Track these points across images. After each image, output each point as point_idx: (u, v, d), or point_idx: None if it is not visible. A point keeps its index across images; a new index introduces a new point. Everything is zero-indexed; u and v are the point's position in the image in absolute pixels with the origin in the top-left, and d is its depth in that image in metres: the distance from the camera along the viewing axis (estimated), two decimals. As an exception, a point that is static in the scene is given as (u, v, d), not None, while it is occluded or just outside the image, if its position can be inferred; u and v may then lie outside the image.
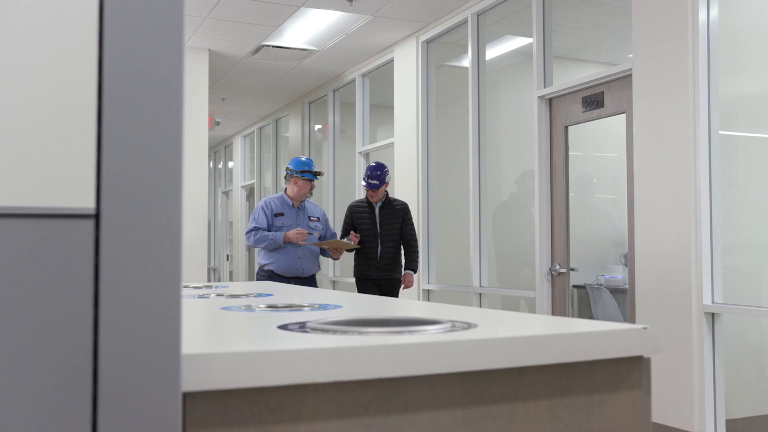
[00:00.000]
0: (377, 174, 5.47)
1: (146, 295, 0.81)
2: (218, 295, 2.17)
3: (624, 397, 1.23)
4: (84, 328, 0.79)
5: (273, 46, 7.12)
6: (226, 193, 12.90)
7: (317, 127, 9.34)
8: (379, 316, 1.46)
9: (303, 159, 5.39)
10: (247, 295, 2.15)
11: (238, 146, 12.12)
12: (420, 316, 1.43)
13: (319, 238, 5.35)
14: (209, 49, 7.23)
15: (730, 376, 4.00)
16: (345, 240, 5.45)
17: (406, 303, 1.99)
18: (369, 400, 1.02)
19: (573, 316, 5.80)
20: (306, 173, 5.28)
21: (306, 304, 1.74)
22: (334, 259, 5.63)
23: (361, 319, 1.35)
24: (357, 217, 5.52)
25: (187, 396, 0.90)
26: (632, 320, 4.37)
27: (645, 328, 1.24)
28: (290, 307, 1.70)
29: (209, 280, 12.70)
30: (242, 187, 11.83)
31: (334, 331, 1.16)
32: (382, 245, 5.48)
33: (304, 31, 6.68)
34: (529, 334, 1.16)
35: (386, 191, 5.58)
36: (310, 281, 5.30)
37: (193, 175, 7.14)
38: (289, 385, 0.96)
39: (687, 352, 3.91)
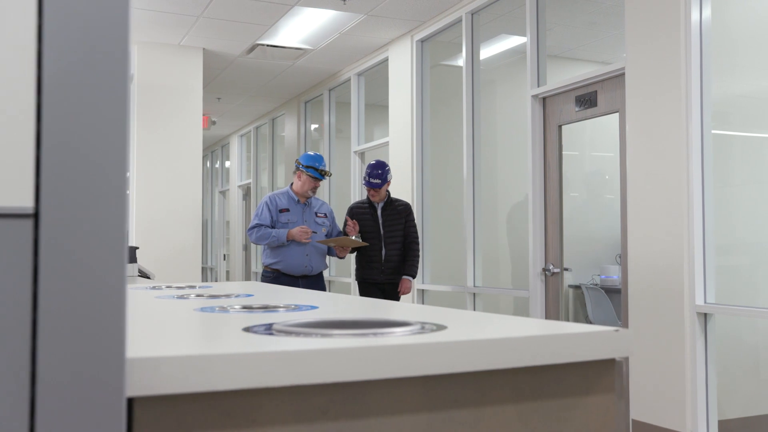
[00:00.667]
0: (378, 173, 5.19)
1: (88, 297, 0.79)
2: (198, 295, 2.14)
3: (596, 400, 1.21)
4: (22, 331, 0.77)
5: (267, 45, 7.09)
6: (223, 193, 12.88)
7: (313, 126, 9.32)
8: (351, 317, 1.44)
9: (312, 154, 5.14)
10: (227, 296, 2.12)
11: (235, 146, 12.10)
12: (393, 317, 1.40)
13: (326, 236, 5.11)
14: (203, 48, 7.21)
15: (722, 376, 3.97)
16: (353, 237, 5.11)
17: (384, 304, 1.97)
18: (328, 405, 1.00)
19: (567, 316, 5.78)
20: (310, 169, 5.03)
21: (282, 305, 1.71)
22: (340, 258, 5.25)
23: (329, 320, 1.33)
24: (358, 219, 5.22)
25: (135, 401, 0.87)
26: (624, 320, 4.35)
27: (617, 331, 1.21)
28: (265, 308, 1.67)
29: (205, 280, 12.68)
30: (239, 186, 11.80)
31: (297, 334, 1.14)
32: (386, 247, 5.19)
33: (299, 30, 6.65)
34: (495, 337, 1.13)
35: (388, 191, 5.32)
36: (318, 279, 5.10)
37: (186, 175, 7.12)
38: (244, 389, 0.93)
39: (679, 353, 3.89)
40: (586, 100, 4.78)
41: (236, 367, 0.92)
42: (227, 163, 12.73)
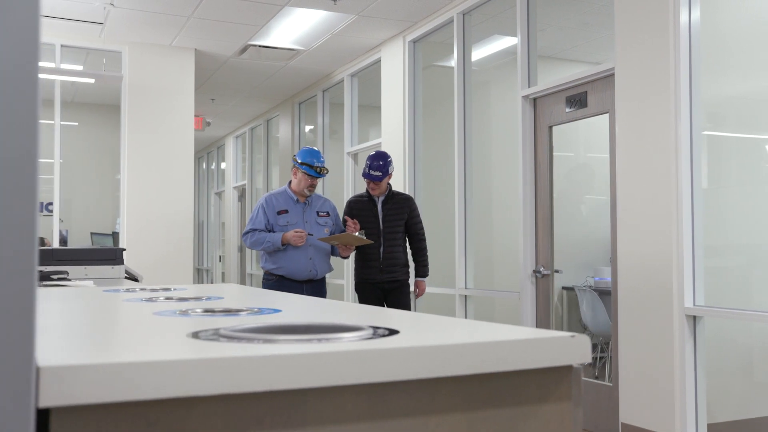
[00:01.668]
0: (379, 164, 4.81)
1: (-8, 302, 0.75)
2: (167, 298, 2.10)
3: (551, 409, 1.17)
4: None
5: (260, 46, 7.06)
6: (219, 194, 12.84)
7: (308, 127, 9.28)
8: (304, 322, 1.40)
9: (308, 149, 4.74)
10: (196, 299, 2.08)
11: (230, 147, 12.06)
12: (349, 322, 1.36)
13: (329, 235, 4.71)
14: (195, 49, 7.18)
15: (712, 379, 3.93)
16: (356, 234, 4.66)
17: (351, 308, 1.93)
18: (263, 414, 0.96)
19: (561, 318, 5.74)
20: (305, 166, 4.62)
21: (244, 309, 1.67)
22: (343, 258, 4.83)
23: (280, 325, 1.29)
24: (357, 214, 4.83)
25: (52, 411, 0.84)
26: (614, 322, 4.31)
27: (573, 336, 1.17)
28: (227, 311, 1.64)
29: (200, 282, 12.64)
30: (234, 188, 11.77)
31: (240, 339, 1.10)
32: (385, 244, 4.82)
33: (290, 30, 6.62)
34: (443, 343, 1.09)
35: (389, 183, 4.94)
36: (321, 284, 4.73)
37: (178, 176, 7.09)
38: (171, 398, 0.89)
39: (668, 355, 3.85)
40: (577, 100, 4.74)
41: (161, 375, 0.88)
42: (222, 165, 12.70)
